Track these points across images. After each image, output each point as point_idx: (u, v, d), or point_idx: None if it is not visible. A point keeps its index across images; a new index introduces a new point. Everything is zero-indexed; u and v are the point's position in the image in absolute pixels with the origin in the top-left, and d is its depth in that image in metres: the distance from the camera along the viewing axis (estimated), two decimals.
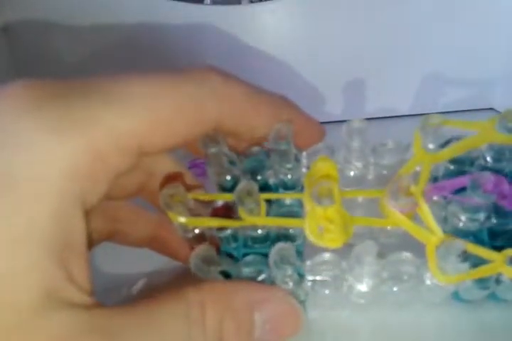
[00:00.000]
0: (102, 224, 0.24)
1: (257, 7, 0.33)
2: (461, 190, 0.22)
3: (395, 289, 0.22)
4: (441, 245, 0.20)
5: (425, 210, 0.21)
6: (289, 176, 0.24)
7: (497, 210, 0.23)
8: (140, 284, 0.28)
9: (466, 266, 0.20)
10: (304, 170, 0.25)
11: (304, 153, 0.25)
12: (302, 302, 0.24)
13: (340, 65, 0.34)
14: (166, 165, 0.24)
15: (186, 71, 0.20)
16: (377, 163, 0.24)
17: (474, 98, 0.35)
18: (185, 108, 0.19)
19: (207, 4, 0.33)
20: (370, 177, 0.25)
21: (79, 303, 0.17)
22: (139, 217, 0.25)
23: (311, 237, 0.21)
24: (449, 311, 0.25)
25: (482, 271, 0.21)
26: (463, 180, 0.21)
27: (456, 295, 0.24)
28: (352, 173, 0.25)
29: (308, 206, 0.21)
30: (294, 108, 0.24)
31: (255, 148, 0.25)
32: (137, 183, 0.24)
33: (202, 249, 0.20)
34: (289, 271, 0.20)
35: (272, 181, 0.25)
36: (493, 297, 0.24)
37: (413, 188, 0.20)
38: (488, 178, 0.20)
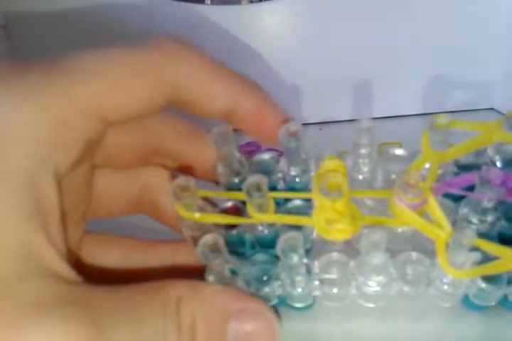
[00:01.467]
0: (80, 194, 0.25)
1: (257, 7, 0.36)
2: (469, 189, 0.25)
3: (405, 289, 0.25)
4: (452, 237, 0.22)
5: (434, 205, 0.23)
6: (297, 179, 0.27)
7: (507, 212, 0.26)
8: None
9: (477, 255, 0.22)
10: (312, 174, 0.28)
11: (313, 159, 0.28)
12: (310, 306, 0.27)
13: (340, 65, 0.37)
14: (163, 178, 0.27)
15: (142, 40, 0.24)
16: (385, 168, 0.28)
17: (475, 98, 0.39)
18: (139, 70, 0.22)
19: (207, 4, 0.36)
20: (379, 181, 0.28)
21: (61, 273, 0.19)
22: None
23: (319, 230, 0.23)
24: (460, 322, 0.28)
25: (493, 267, 0.23)
26: (471, 177, 0.24)
27: (466, 301, 0.27)
28: (361, 177, 0.28)
29: (317, 201, 0.24)
30: (254, 86, 0.26)
31: (264, 154, 0.28)
32: (133, 196, 0.27)
33: (210, 237, 0.22)
34: (296, 259, 0.23)
35: (280, 186, 0.28)
36: (504, 303, 0.26)
37: (421, 184, 0.23)
38: (497, 173, 0.23)
